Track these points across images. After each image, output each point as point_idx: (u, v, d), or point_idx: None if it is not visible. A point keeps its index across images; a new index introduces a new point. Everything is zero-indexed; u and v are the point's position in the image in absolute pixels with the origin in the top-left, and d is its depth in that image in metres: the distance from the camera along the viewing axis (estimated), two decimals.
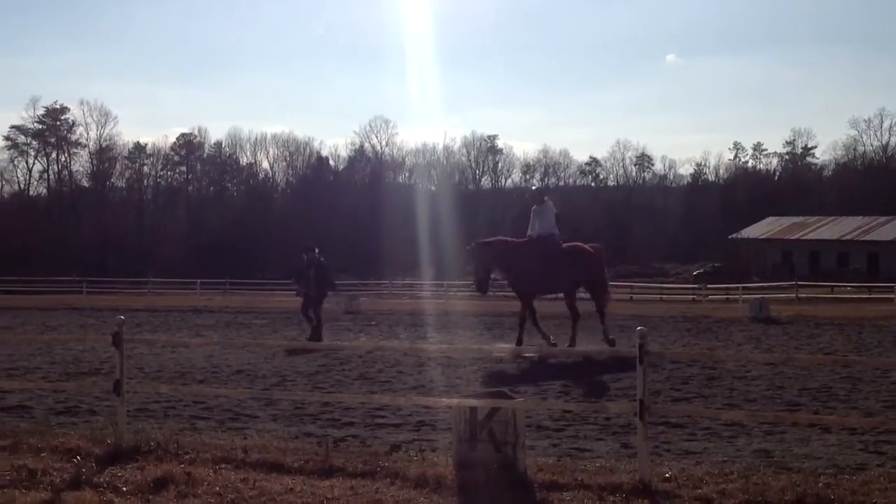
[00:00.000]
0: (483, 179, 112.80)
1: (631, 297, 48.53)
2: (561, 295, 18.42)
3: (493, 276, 17.99)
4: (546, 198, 18.11)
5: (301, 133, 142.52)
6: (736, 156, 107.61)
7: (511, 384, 12.45)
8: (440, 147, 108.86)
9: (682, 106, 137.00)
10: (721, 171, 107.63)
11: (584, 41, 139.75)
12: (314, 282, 19.14)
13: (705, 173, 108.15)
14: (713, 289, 47.68)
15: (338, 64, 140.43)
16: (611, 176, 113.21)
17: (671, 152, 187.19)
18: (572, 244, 17.93)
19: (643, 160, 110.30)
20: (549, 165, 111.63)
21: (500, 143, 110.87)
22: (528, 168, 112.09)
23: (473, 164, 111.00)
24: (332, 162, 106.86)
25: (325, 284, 19.59)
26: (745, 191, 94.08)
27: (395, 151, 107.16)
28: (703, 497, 6.46)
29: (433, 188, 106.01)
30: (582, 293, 18.70)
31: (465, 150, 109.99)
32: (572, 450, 8.47)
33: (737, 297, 38.38)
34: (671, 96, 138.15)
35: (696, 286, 52.59)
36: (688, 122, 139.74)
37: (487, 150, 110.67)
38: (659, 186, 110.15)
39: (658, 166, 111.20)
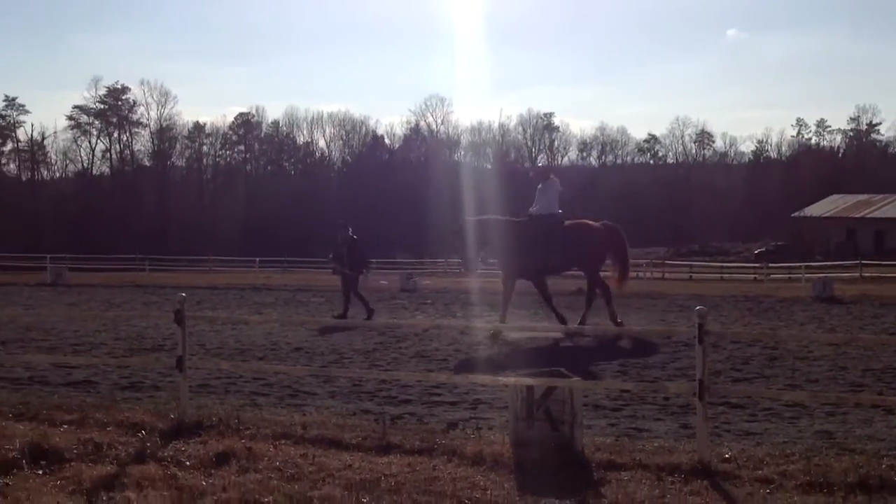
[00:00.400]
0: (539, 157, 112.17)
1: (690, 277, 48.04)
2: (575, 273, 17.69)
3: (482, 254, 17.46)
4: (552, 175, 17.33)
5: (357, 112, 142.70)
6: (799, 132, 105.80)
7: (568, 363, 12.41)
8: (495, 125, 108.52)
9: (743, 81, 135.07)
10: (783, 149, 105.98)
11: (643, 15, 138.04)
12: (346, 260, 19.31)
13: (767, 150, 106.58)
14: (775, 268, 46.92)
15: (394, 42, 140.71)
16: (670, 153, 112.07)
17: (732, 129, 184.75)
18: (577, 221, 17.15)
19: (703, 137, 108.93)
20: (606, 143, 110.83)
21: (556, 121, 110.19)
22: (584, 146, 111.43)
23: (529, 142, 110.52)
24: (387, 140, 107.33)
25: (358, 262, 19.72)
26: (808, 168, 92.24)
27: (450, 130, 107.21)
28: (764, 478, 6.38)
29: (488, 166, 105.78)
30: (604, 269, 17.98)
31: (520, 128, 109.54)
32: (630, 430, 8.42)
33: (799, 276, 37.67)
34: (732, 71, 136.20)
35: (757, 265, 51.81)
36: (749, 98, 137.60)
37: (544, 128, 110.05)
38: (720, 164, 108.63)
39: (718, 143, 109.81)
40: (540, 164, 20.61)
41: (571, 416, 7.03)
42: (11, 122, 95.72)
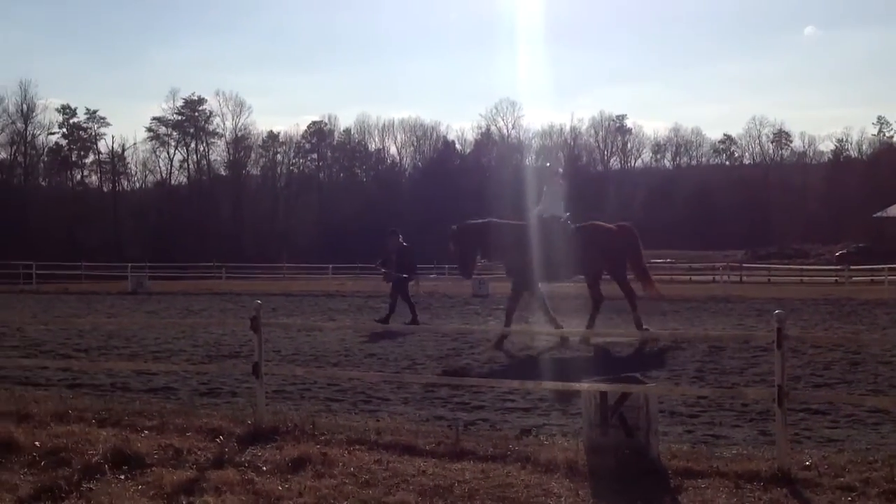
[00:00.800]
0: (611, 160, 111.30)
1: (769, 280, 47.14)
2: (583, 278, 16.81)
3: (479, 258, 16.93)
4: (559, 178, 16.80)
5: (428, 118, 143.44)
6: (880, 131, 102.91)
7: (643, 369, 12.28)
8: (567, 128, 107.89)
9: (821, 80, 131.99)
10: (864, 147, 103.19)
11: (718, 14, 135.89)
12: (395, 266, 19.48)
13: (847, 149, 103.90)
14: (857, 270, 45.68)
15: (464, 47, 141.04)
16: (746, 154, 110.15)
17: (810, 128, 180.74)
18: (588, 224, 16.50)
19: (781, 137, 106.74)
20: (680, 144, 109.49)
21: (629, 123, 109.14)
22: (658, 147, 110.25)
23: (601, 145, 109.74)
24: (458, 146, 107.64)
25: (407, 269, 19.83)
26: (890, 167, 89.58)
27: (521, 134, 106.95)
28: (846, 486, 6.21)
29: (560, 170, 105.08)
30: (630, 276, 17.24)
31: (592, 131, 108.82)
32: (707, 436, 8.27)
33: (882, 278, 36.62)
34: (810, 69, 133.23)
35: (838, 267, 50.52)
36: (828, 97, 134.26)
37: (616, 130, 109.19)
38: (798, 164, 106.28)
39: (797, 143, 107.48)
40: (549, 165, 19.70)
41: (647, 423, 6.94)
42: (93, 134, 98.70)
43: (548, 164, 17.05)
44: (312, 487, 6.23)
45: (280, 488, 6.22)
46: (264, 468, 6.77)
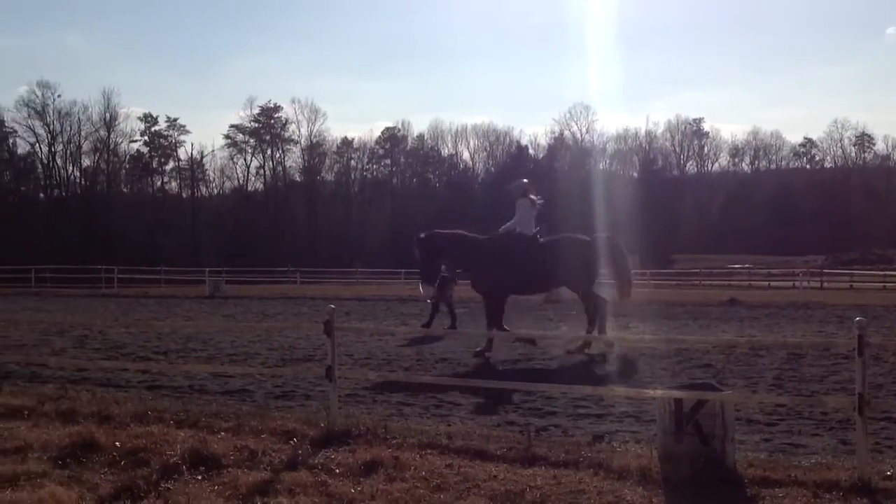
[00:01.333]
0: (688, 164, 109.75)
1: (851, 286, 45.95)
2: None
3: (443, 267, 16.55)
4: (529, 193, 16.12)
5: (501, 123, 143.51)
6: None
7: (719, 376, 12.07)
8: (642, 132, 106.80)
9: None
10: None
11: (796, 15, 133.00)
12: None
13: None
14: None
15: (537, 52, 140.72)
16: (827, 157, 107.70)
17: (895, 131, 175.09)
18: (559, 237, 16.07)
19: (863, 140, 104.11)
20: (759, 148, 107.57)
21: (706, 126, 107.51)
22: (736, 151, 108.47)
23: (678, 149, 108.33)
24: (531, 150, 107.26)
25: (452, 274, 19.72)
26: None
27: (595, 138, 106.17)
28: None
29: (635, 174, 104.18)
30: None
31: (668, 135, 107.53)
32: (785, 445, 8.09)
33: None
34: (893, 71, 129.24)
35: None
36: None
37: (693, 134, 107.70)
38: (881, 167, 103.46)
39: (880, 146, 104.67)
40: (522, 181, 18.78)
41: (723, 431, 6.81)
42: (173, 141, 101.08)
43: (518, 183, 16.40)
44: (384, 491, 6.26)
45: (353, 491, 6.27)
46: (337, 471, 6.83)
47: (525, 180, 16.87)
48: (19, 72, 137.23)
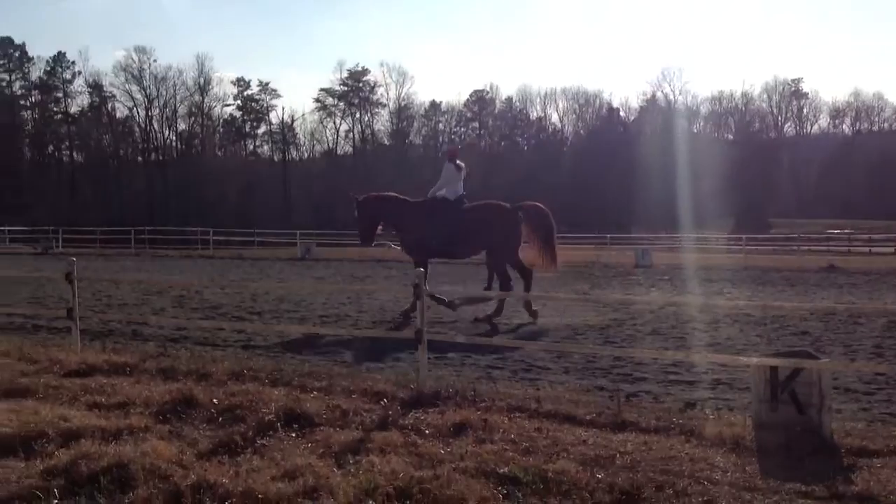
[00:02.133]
0: (786, 126, 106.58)
1: None
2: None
3: (380, 228, 16.83)
4: (456, 157, 16.58)
5: (591, 85, 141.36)
6: None
7: (816, 343, 11.78)
8: (738, 94, 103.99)
9: None
10: None
11: None
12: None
13: None
14: None
15: (630, 13, 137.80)
16: None
17: None
18: (481, 203, 16.11)
19: None
20: (860, 109, 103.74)
21: (804, 87, 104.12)
22: (836, 113, 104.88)
23: (775, 111, 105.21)
24: (622, 113, 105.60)
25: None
26: None
27: (688, 100, 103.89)
28: None
29: (730, 137, 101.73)
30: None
31: (765, 96, 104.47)
32: (885, 414, 7.87)
33: None
34: None
35: None
36: None
37: (791, 95, 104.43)
38: None
39: None
40: (451, 145, 18.74)
41: (819, 400, 6.66)
42: (265, 105, 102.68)
43: (448, 145, 16.68)
44: (473, 452, 6.30)
45: (442, 451, 6.33)
46: (427, 431, 6.90)
47: (451, 145, 17.40)
48: (116, 35, 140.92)
